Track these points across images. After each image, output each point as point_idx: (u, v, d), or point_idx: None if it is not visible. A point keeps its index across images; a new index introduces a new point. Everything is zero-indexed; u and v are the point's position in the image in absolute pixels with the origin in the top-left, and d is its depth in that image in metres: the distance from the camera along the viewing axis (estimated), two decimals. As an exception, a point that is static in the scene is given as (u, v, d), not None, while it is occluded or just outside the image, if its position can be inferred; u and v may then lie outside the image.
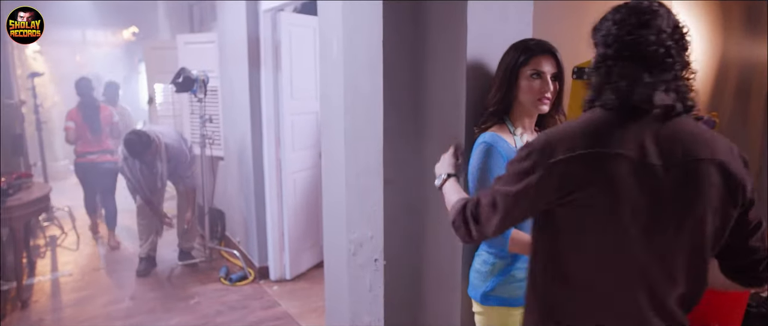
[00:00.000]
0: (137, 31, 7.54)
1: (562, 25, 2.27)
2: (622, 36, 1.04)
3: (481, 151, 1.44)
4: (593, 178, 1.01)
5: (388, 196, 1.72)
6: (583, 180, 1.02)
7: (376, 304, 1.82)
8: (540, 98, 1.44)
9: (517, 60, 1.44)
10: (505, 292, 1.49)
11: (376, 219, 1.76)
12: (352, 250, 1.92)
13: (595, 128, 1.04)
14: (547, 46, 1.45)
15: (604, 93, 1.05)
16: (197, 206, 4.24)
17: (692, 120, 1.08)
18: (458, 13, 1.53)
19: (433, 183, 1.73)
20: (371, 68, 1.68)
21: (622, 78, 1.03)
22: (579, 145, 1.02)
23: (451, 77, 1.59)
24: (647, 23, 1.02)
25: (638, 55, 1.02)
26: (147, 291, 3.72)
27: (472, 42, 1.52)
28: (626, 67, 1.03)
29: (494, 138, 1.45)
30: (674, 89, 1.03)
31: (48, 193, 3.88)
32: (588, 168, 1.01)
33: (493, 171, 1.42)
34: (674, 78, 1.03)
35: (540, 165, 1.04)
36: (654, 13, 1.03)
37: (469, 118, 1.56)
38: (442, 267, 1.72)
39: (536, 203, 1.07)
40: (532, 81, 1.43)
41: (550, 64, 1.44)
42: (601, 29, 1.08)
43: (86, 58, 8.14)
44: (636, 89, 1.02)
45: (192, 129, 4.47)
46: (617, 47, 1.04)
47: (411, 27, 1.68)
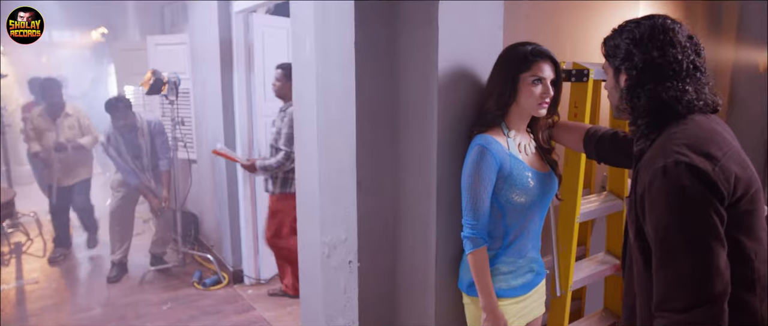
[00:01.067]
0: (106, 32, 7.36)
1: (532, 25, 2.31)
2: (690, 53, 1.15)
3: (476, 153, 1.47)
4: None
5: (361, 198, 1.71)
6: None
7: (351, 306, 1.81)
8: (540, 103, 1.47)
9: (518, 66, 1.47)
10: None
11: (349, 221, 1.75)
12: (326, 252, 1.91)
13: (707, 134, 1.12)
14: (546, 52, 1.48)
15: (680, 103, 1.13)
16: (169, 210, 4.17)
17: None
18: (429, 13, 1.54)
19: (407, 184, 1.74)
20: (344, 69, 1.68)
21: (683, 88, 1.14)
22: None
23: (423, 77, 1.60)
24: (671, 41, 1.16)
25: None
26: (118, 298, 3.64)
27: (444, 42, 1.53)
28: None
29: (488, 140, 1.47)
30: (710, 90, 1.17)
31: (12, 199, 3.77)
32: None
33: (484, 173, 1.45)
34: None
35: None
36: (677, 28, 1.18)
37: (441, 117, 1.56)
38: (416, 268, 1.73)
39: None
40: (534, 86, 1.46)
41: (550, 69, 1.47)
42: (638, 48, 1.17)
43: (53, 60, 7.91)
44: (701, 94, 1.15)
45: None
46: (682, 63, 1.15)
47: (383, 27, 1.68)
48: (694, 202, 1.01)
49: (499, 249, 1.53)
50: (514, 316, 1.57)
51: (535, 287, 1.63)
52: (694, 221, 1.01)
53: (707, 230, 1.01)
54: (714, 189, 1.01)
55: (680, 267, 1.01)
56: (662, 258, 1.05)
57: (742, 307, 1.06)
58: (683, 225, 1.02)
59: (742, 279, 1.05)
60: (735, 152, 1.09)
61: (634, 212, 1.14)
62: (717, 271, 0.99)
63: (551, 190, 1.55)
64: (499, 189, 1.47)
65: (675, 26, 1.17)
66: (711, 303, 0.99)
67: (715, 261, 1.00)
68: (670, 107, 1.14)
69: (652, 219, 1.06)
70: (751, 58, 3.38)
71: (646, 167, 1.09)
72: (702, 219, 1.01)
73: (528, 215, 1.52)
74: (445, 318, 1.69)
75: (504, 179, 1.46)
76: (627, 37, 1.19)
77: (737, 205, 1.04)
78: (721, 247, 1.01)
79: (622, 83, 1.22)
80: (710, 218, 1.00)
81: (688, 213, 1.01)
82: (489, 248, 1.53)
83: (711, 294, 0.99)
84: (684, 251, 1.01)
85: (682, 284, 1.01)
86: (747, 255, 1.06)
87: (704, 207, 1.00)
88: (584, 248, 2.32)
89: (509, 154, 1.48)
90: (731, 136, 1.18)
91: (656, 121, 1.17)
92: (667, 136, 1.11)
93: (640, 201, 1.10)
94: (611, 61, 1.25)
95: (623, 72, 1.21)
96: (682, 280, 1.01)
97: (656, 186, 1.04)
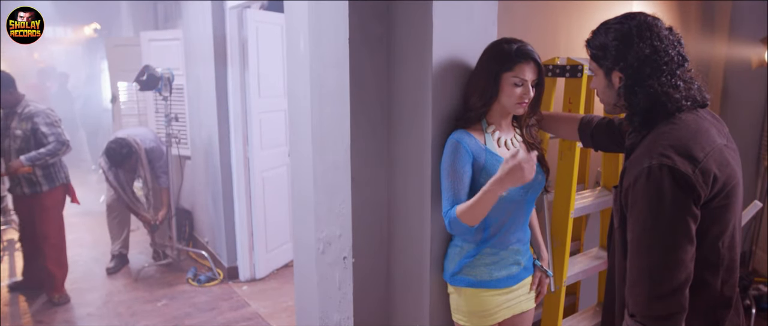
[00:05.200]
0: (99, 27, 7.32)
1: (526, 21, 2.31)
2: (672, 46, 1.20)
3: (449, 147, 1.50)
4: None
5: (356, 194, 1.72)
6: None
7: (346, 302, 1.82)
8: (519, 103, 1.48)
9: (501, 64, 1.46)
10: (471, 274, 1.57)
11: (344, 217, 1.75)
12: (321, 249, 1.91)
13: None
14: (530, 53, 1.46)
15: (668, 101, 1.19)
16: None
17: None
18: (424, 10, 1.54)
19: (401, 180, 1.74)
20: (338, 65, 1.68)
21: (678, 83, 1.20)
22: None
23: (417, 73, 1.60)
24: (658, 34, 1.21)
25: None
26: (113, 294, 3.63)
27: (438, 38, 1.53)
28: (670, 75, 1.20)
29: (461, 135, 1.49)
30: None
31: (4, 196, 3.73)
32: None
33: (458, 165, 1.47)
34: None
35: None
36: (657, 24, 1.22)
37: (435, 113, 1.57)
38: (410, 263, 1.73)
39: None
40: (515, 88, 1.46)
41: (532, 71, 1.46)
42: (632, 45, 1.20)
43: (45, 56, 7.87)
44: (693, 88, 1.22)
45: (157, 128, 4.37)
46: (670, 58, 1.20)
47: (377, 23, 1.68)
48: (671, 206, 1.12)
49: (479, 241, 1.56)
50: (498, 307, 1.59)
51: (523, 280, 1.64)
52: (669, 222, 1.13)
53: (679, 230, 1.13)
54: (692, 192, 1.12)
55: (651, 259, 1.15)
56: (637, 249, 1.18)
57: (703, 287, 1.20)
58: (657, 225, 1.14)
59: (707, 264, 1.19)
60: (717, 150, 1.17)
61: (619, 202, 1.25)
62: (682, 264, 1.13)
63: (535, 184, 1.54)
64: (475, 183, 1.49)
65: (656, 21, 1.22)
66: (673, 291, 1.14)
67: (682, 256, 1.13)
68: (664, 104, 1.20)
69: (632, 214, 1.18)
70: (744, 54, 3.40)
71: (634, 165, 1.18)
72: (676, 221, 1.13)
73: (508, 209, 1.52)
74: (439, 313, 1.69)
75: (479, 172, 1.48)
76: (614, 37, 1.22)
77: (711, 202, 1.15)
78: (690, 244, 1.14)
79: (617, 83, 1.25)
80: (683, 220, 1.13)
81: (664, 215, 1.13)
82: (470, 240, 1.57)
83: (674, 283, 1.13)
84: (655, 246, 1.15)
85: (650, 273, 1.15)
86: (714, 243, 1.19)
87: (680, 210, 1.12)
88: (578, 243, 2.33)
89: (485, 149, 1.49)
90: (718, 130, 1.23)
91: (650, 118, 1.22)
92: (656, 135, 1.19)
93: (625, 194, 1.21)
94: (601, 63, 1.27)
95: (616, 71, 1.24)
96: (650, 270, 1.15)
97: (640, 185, 1.15)
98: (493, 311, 1.58)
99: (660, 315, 1.15)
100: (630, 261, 1.20)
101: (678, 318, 1.15)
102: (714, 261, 1.20)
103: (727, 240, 1.20)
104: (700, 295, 1.19)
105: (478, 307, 1.57)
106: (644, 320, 1.16)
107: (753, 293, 3.16)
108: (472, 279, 1.57)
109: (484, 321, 1.58)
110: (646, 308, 1.16)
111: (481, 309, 1.57)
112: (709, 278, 1.20)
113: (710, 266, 1.19)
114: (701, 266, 1.17)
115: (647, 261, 1.16)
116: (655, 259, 1.15)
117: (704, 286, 1.20)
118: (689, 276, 1.14)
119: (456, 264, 1.59)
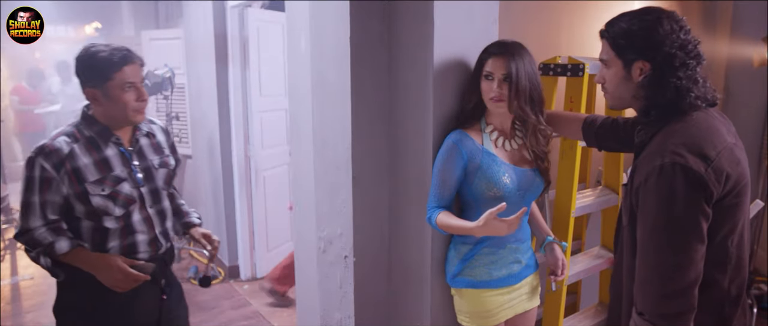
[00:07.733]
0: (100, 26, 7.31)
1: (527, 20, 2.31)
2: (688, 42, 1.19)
3: (445, 147, 1.52)
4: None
5: (357, 193, 1.72)
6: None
7: (347, 301, 1.82)
8: (490, 98, 1.47)
9: (478, 65, 1.49)
10: (471, 274, 1.58)
11: (345, 216, 1.75)
12: (322, 248, 1.91)
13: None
14: (498, 48, 1.46)
15: (687, 96, 1.17)
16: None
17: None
18: (425, 8, 1.54)
19: (401, 179, 1.74)
20: (339, 64, 1.68)
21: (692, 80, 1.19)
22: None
23: (418, 72, 1.60)
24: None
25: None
26: (113, 294, 3.63)
27: (439, 37, 1.53)
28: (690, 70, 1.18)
29: (459, 136, 1.50)
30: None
31: (6, 195, 3.74)
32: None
33: (448, 165, 1.49)
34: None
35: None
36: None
37: (436, 112, 1.57)
38: (411, 263, 1.74)
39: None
40: (484, 82, 1.48)
41: (498, 65, 1.45)
42: (654, 38, 1.17)
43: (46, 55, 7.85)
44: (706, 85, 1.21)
45: (158, 127, 4.37)
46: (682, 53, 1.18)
47: (378, 22, 1.68)
48: (683, 204, 1.11)
49: (477, 241, 1.56)
50: (500, 307, 1.58)
51: (524, 279, 1.63)
52: (681, 221, 1.12)
53: (691, 229, 1.12)
54: (704, 190, 1.11)
55: (661, 257, 1.15)
56: (647, 247, 1.17)
57: (712, 285, 1.19)
58: (669, 224, 1.13)
59: (716, 262, 1.18)
60: (728, 149, 1.16)
61: (629, 200, 1.24)
62: (692, 263, 1.13)
63: (532, 187, 1.54)
64: (470, 182, 1.50)
65: (677, 15, 1.21)
66: (683, 290, 1.13)
67: (692, 255, 1.12)
68: (684, 98, 1.18)
69: (643, 212, 1.17)
70: (745, 54, 3.39)
71: (645, 162, 1.17)
72: (687, 220, 1.12)
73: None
74: (440, 312, 1.70)
75: (474, 172, 1.48)
76: (643, 26, 1.18)
77: (723, 201, 1.14)
78: (701, 243, 1.13)
79: (638, 74, 1.21)
80: (695, 219, 1.12)
81: (676, 214, 1.12)
82: (467, 241, 1.57)
83: (684, 282, 1.13)
84: (666, 244, 1.14)
85: (660, 272, 1.15)
86: (724, 242, 1.18)
87: (692, 209, 1.11)
88: (580, 242, 2.33)
89: (482, 149, 1.49)
90: (727, 129, 1.22)
91: (667, 112, 1.21)
92: (668, 133, 1.18)
93: (636, 192, 1.19)
94: (623, 52, 1.21)
95: (641, 62, 1.20)
96: (660, 268, 1.15)
97: (651, 183, 1.13)
98: (495, 311, 1.58)
99: (669, 313, 1.14)
100: (640, 259, 1.19)
101: (687, 317, 1.15)
102: (723, 260, 1.19)
103: (736, 239, 1.20)
104: (708, 293, 1.18)
105: (479, 308, 1.57)
106: (653, 318, 1.16)
107: (754, 292, 3.17)
108: (472, 280, 1.57)
109: (486, 321, 1.58)
110: (655, 306, 1.15)
111: (483, 310, 1.57)
112: (718, 276, 1.20)
113: (719, 264, 1.19)
114: (710, 264, 1.16)
115: (657, 260, 1.15)
116: (665, 258, 1.14)
117: (713, 284, 1.19)
118: (699, 275, 1.14)
119: (456, 266, 1.60)
